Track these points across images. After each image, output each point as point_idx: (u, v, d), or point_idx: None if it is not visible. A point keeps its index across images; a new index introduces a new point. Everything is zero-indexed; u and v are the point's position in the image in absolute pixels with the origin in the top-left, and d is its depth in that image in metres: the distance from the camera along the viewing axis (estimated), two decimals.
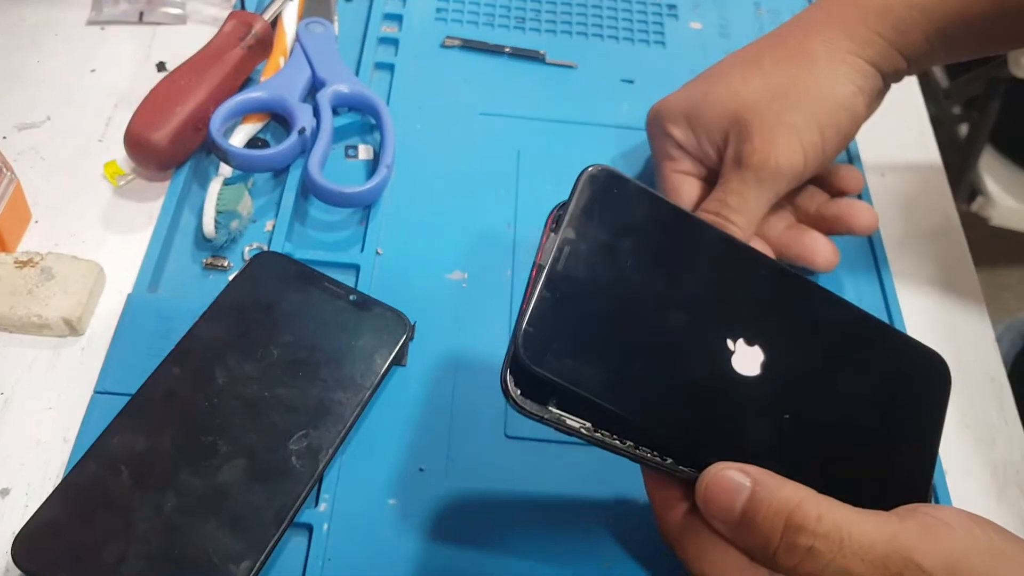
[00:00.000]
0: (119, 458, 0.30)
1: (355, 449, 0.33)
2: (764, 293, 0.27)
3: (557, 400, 0.24)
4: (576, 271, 0.24)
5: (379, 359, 0.33)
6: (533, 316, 0.23)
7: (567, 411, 0.24)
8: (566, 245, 0.24)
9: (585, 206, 0.25)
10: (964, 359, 0.39)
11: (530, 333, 0.23)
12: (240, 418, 0.31)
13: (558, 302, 0.24)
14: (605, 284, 0.24)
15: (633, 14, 0.51)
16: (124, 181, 0.40)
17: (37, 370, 0.34)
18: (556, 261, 0.24)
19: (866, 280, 0.41)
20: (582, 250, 0.24)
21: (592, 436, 0.24)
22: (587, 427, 0.24)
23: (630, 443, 0.24)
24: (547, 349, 0.23)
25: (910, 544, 0.23)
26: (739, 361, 0.25)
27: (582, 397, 0.23)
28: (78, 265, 0.35)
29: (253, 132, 0.41)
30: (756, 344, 0.26)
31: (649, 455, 0.25)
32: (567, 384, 0.23)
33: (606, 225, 0.25)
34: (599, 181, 0.25)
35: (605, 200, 0.25)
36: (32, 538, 0.28)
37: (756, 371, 0.26)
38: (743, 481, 0.24)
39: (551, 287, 0.24)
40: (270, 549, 0.29)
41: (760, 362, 0.26)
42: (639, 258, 0.25)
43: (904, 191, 0.45)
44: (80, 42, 0.45)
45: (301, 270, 0.35)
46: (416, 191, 0.41)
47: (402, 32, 0.48)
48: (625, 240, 0.25)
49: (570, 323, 0.24)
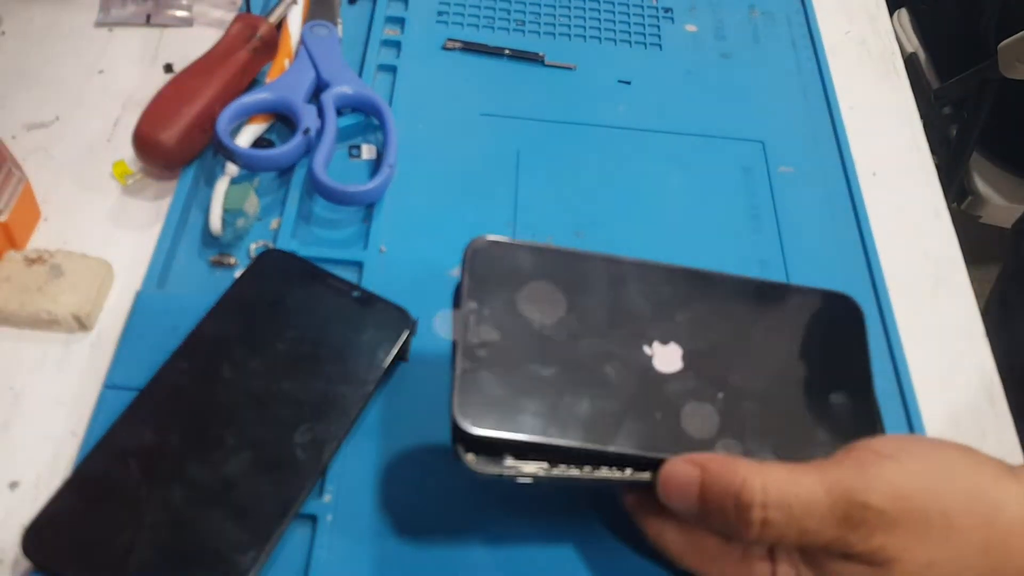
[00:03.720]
0: (127, 451, 0.30)
1: (359, 442, 0.33)
2: (664, 294, 0.29)
3: (510, 453, 0.25)
4: (488, 334, 0.26)
5: (382, 354, 0.34)
6: (463, 387, 0.25)
7: (521, 459, 0.25)
8: (471, 315, 0.26)
9: (478, 276, 0.27)
10: (955, 354, 0.40)
11: (465, 403, 0.25)
12: (246, 412, 0.32)
13: (480, 367, 0.26)
14: (518, 335, 0.26)
15: (630, 17, 0.52)
16: (132, 180, 0.40)
17: (47, 365, 0.35)
18: (467, 331, 0.26)
19: (858, 278, 0.42)
20: (487, 314, 0.26)
21: (551, 475, 0.26)
22: (543, 467, 0.26)
23: (588, 468, 0.26)
24: (484, 412, 0.25)
25: (851, 486, 0.23)
26: (660, 361, 0.27)
27: (529, 443, 0.25)
28: (87, 262, 0.36)
29: (259, 132, 0.41)
30: (671, 342, 0.28)
31: (608, 474, 0.26)
32: (512, 436, 0.25)
33: (502, 286, 0.27)
34: (483, 250, 0.28)
35: (493, 265, 0.27)
36: (42, 530, 0.29)
37: (679, 365, 0.27)
38: (691, 472, 0.25)
39: (470, 356, 0.26)
40: (275, 539, 0.29)
41: (680, 356, 0.27)
42: (541, 304, 0.27)
43: (896, 190, 0.46)
44: (88, 44, 0.46)
45: (306, 267, 0.36)
46: (418, 190, 0.42)
47: (404, 35, 0.48)
48: (523, 293, 0.27)
49: (498, 381, 0.26)
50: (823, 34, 0.52)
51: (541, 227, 0.41)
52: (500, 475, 0.25)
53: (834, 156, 0.46)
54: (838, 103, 0.49)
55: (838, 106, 0.49)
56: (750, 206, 0.44)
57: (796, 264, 0.42)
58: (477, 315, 0.26)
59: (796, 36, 0.52)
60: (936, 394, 0.38)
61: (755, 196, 0.44)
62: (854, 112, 0.49)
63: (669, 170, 0.45)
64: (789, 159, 0.46)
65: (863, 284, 0.41)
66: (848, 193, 0.45)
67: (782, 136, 0.47)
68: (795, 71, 0.50)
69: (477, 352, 0.26)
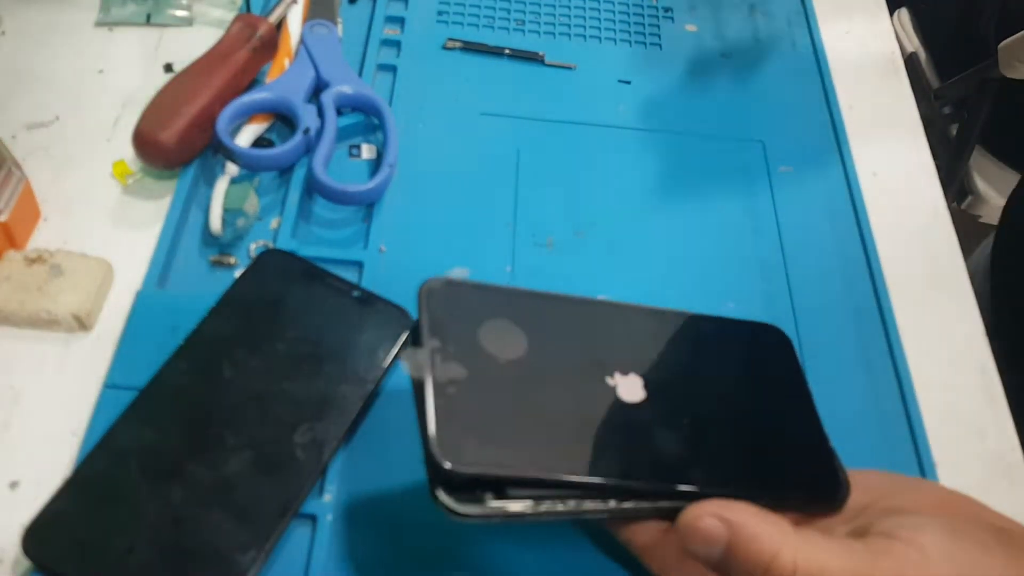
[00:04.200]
0: (127, 451, 0.30)
1: (359, 442, 0.33)
2: (618, 329, 0.30)
3: (490, 491, 0.25)
4: (456, 373, 0.26)
5: (382, 354, 0.34)
6: (438, 424, 0.25)
7: (504, 498, 0.25)
8: (436, 353, 0.26)
9: (437, 315, 0.27)
10: (954, 352, 0.40)
11: (441, 440, 0.24)
12: (246, 412, 0.32)
13: (452, 404, 0.25)
14: (484, 373, 0.26)
15: (630, 17, 0.52)
16: (132, 180, 0.40)
17: (47, 365, 0.35)
18: (434, 369, 0.26)
19: (858, 278, 0.42)
20: (452, 353, 0.26)
21: (537, 512, 0.25)
22: (529, 505, 0.25)
23: (573, 503, 0.26)
24: (461, 449, 0.24)
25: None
26: (624, 391, 0.28)
27: (515, 479, 0.25)
28: (87, 262, 0.36)
29: (259, 132, 0.41)
30: (631, 372, 0.28)
31: (593, 506, 0.26)
32: (494, 472, 0.24)
33: (461, 325, 0.27)
34: (438, 290, 0.28)
35: (450, 304, 0.27)
36: (42, 530, 0.29)
37: (643, 395, 0.28)
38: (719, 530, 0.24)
39: (441, 394, 0.25)
40: (275, 539, 0.29)
41: (641, 385, 0.28)
42: (503, 342, 0.27)
43: (896, 189, 0.46)
44: (88, 43, 0.46)
45: (306, 267, 0.36)
46: (418, 190, 0.42)
47: (404, 34, 0.48)
48: (483, 331, 0.27)
49: (470, 418, 0.25)
50: (823, 34, 0.52)
51: (541, 227, 0.41)
52: (485, 517, 0.25)
53: (834, 156, 0.46)
54: (838, 103, 0.49)
55: (838, 106, 0.49)
56: (750, 206, 0.44)
57: (796, 264, 0.42)
58: (442, 352, 0.26)
59: (796, 36, 0.52)
60: (936, 394, 0.38)
61: (755, 196, 0.44)
62: (854, 112, 0.49)
63: (669, 170, 0.45)
64: (789, 159, 0.46)
65: (863, 284, 0.41)
66: (848, 193, 0.45)
67: (782, 136, 0.47)
68: (795, 71, 0.50)
69: (447, 389, 0.25)
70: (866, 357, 0.39)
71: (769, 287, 0.41)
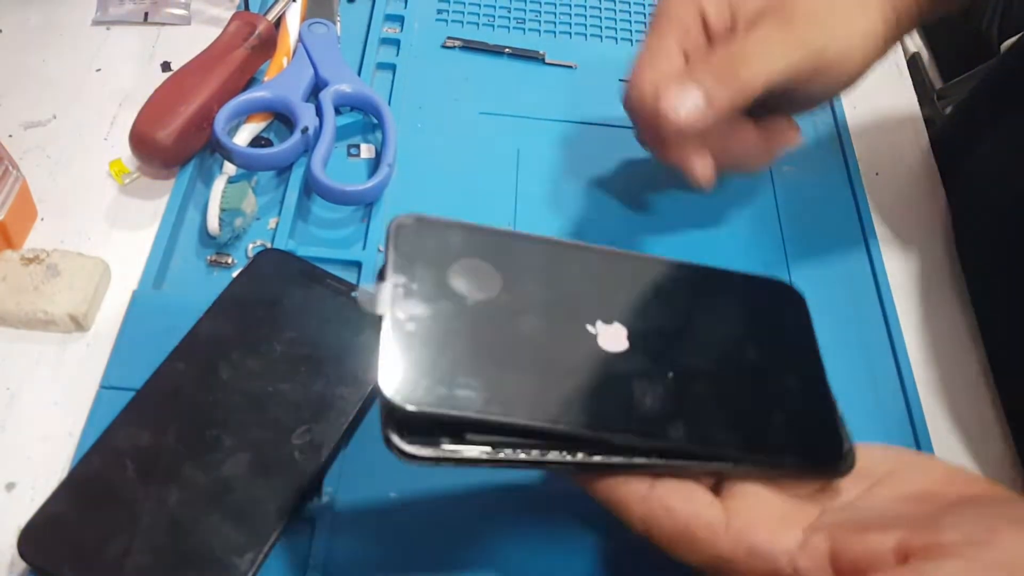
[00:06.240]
0: (124, 452, 0.30)
1: (357, 443, 0.33)
2: (605, 275, 0.28)
3: (446, 435, 0.24)
4: (417, 310, 0.24)
5: None
6: (391, 360, 0.23)
7: (460, 443, 0.24)
8: (397, 288, 0.25)
9: (404, 252, 0.25)
10: (956, 353, 0.40)
11: (394, 376, 0.23)
12: (244, 413, 0.31)
13: (410, 342, 0.24)
14: (449, 312, 0.25)
15: (631, 15, 0.52)
16: (129, 179, 0.40)
17: (43, 366, 0.34)
18: (393, 305, 0.24)
19: (860, 277, 0.41)
20: (415, 290, 0.25)
21: (495, 459, 0.24)
22: (487, 451, 0.24)
23: (536, 452, 0.24)
24: (416, 386, 0.23)
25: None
26: (605, 340, 0.26)
27: (469, 420, 0.23)
28: (83, 262, 0.36)
29: (257, 131, 0.41)
30: (615, 322, 0.26)
31: (558, 458, 0.24)
32: (449, 411, 0.23)
33: (430, 262, 0.26)
34: (409, 226, 0.26)
35: (421, 242, 0.26)
36: (38, 532, 0.28)
37: (625, 345, 0.26)
38: None
39: (397, 328, 0.24)
40: (273, 542, 0.29)
41: (625, 335, 0.26)
42: (474, 281, 0.26)
43: (898, 190, 0.46)
44: (85, 42, 0.46)
45: (304, 267, 0.36)
46: (417, 189, 0.42)
47: (403, 33, 0.48)
48: (455, 270, 0.26)
49: (428, 355, 0.24)
50: None
51: (541, 227, 0.41)
52: (437, 460, 0.23)
53: (837, 155, 0.46)
54: (841, 102, 0.48)
55: (841, 105, 0.48)
56: (752, 206, 0.43)
57: (798, 263, 0.41)
58: (405, 289, 0.24)
59: None
60: (937, 395, 0.38)
61: (757, 196, 0.44)
62: (857, 112, 0.49)
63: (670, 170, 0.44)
64: (792, 159, 0.45)
65: (866, 283, 0.41)
66: (851, 192, 0.45)
67: None
68: None
69: (405, 326, 0.24)
70: (867, 357, 0.39)
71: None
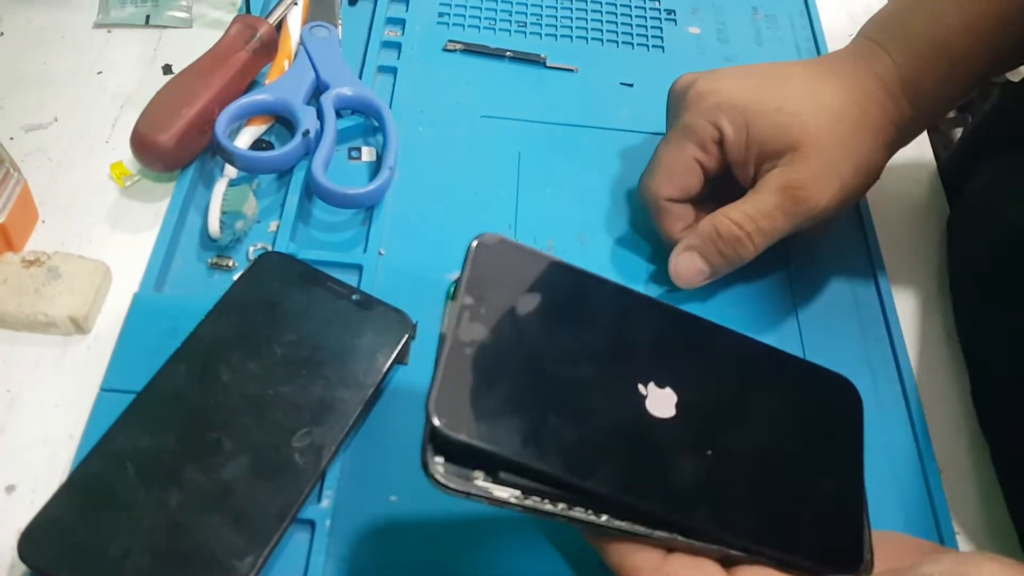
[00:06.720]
0: (124, 455, 0.30)
1: (358, 446, 0.33)
2: (667, 337, 0.27)
3: (481, 467, 0.23)
4: (480, 335, 0.24)
5: (381, 358, 0.34)
6: (445, 384, 0.23)
7: (493, 482, 0.23)
8: (465, 311, 0.24)
9: (480, 273, 0.25)
10: (958, 355, 0.40)
11: (440, 397, 0.23)
12: (244, 416, 0.31)
13: (466, 368, 0.23)
14: (510, 345, 0.24)
15: (632, 19, 0.52)
16: (130, 182, 0.40)
17: (44, 368, 0.34)
18: (458, 326, 0.24)
19: (862, 282, 0.41)
20: (483, 314, 0.24)
21: (523, 505, 0.24)
22: (516, 495, 0.23)
23: (562, 505, 0.24)
24: (462, 415, 0.23)
25: None
26: (653, 404, 0.25)
27: (504, 459, 0.23)
28: (84, 264, 0.36)
29: (258, 134, 0.41)
30: (667, 386, 0.26)
31: (582, 516, 0.24)
32: (487, 447, 0.23)
33: (503, 288, 0.25)
34: (490, 247, 0.26)
35: (498, 265, 0.25)
36: (38, 534, 0.28)
37: (671, 412, 0.26)
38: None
39: (457, 352, 0.24)
40: (273, 545, 0.29)
41: (674, 403, 0.26)
42: (540, 317, 0.25)
43: (899, 194, 0.46)
44: (87, 45, 0.46)
45: (305, 270, 0.36)
46: (418, 192, 0.42)
47: (405, 36, 0.48)
48: (524, 301, 0.25)
49: (481, 387, 0.23)
50: (826, 36, 0.52)
51: (542, 231, 0.41)
52: (468, 494, 0.23)
53: None
54: None
55: None
56: None
57: (799, 265, 0.41)
58: (472, 311, 0.24)
59: (799, 39, 0.52)
60: (937, 395, 0.38)
61: None
62: None
63: None
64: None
65: (866, 284, 0.41)
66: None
67: None
68: None
69: (465, 349, 0.24)
70: (868, 356, 0.39)
71: (771, 287, 0.40)
